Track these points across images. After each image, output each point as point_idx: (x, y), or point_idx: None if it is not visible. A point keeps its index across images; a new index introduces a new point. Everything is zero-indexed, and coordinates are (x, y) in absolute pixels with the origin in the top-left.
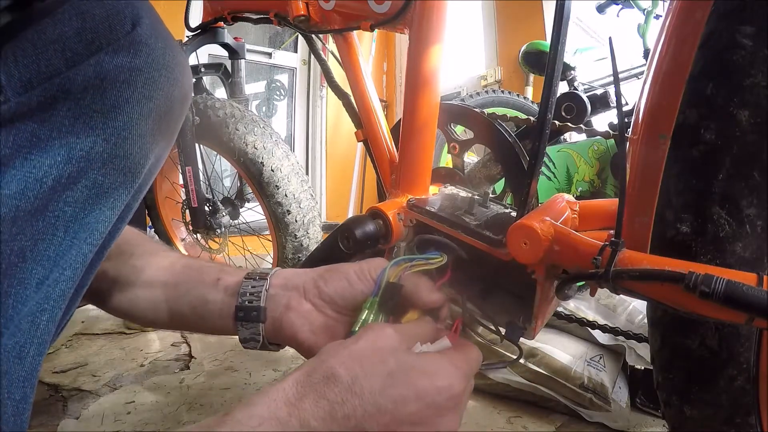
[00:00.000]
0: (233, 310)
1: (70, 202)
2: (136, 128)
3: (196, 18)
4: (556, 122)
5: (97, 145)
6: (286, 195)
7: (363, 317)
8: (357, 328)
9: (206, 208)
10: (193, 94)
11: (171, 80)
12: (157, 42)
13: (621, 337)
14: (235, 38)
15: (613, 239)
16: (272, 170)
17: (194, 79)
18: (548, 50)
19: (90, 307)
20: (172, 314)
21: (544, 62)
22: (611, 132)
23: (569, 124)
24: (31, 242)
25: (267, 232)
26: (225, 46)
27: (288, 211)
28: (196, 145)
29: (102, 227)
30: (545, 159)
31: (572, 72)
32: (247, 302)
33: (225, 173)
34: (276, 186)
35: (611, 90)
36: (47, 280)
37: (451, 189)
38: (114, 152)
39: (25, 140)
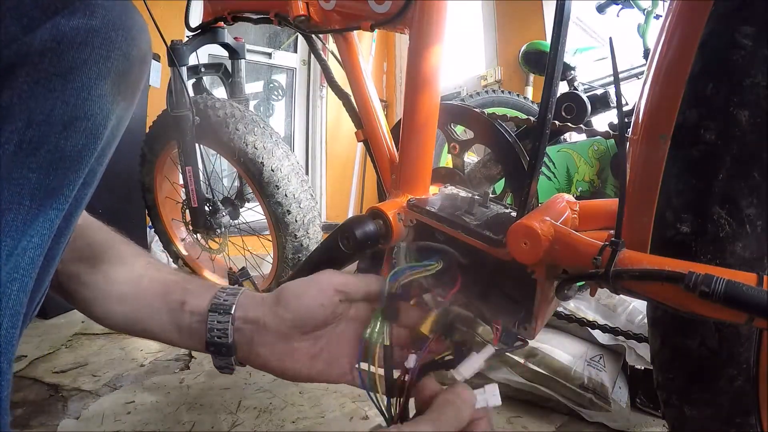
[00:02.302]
0: (203, 336)
1: (34, 168)
2: (94, 89)
3: (196, 18)
4: (556, 122)
5: (56, 108)
6: (286, 195)
7: (371, 326)
8: (366, 335)
9: (206, 208)
10: (152, 54)
11: (128, 40)
12: (113, 3)
13: (621, 337)
14: (235, 38)
15: (613, 239)
16: (272, 170)
17: (194, 79)
18: (548, 50)
19: None
20: (145, 331)
21: (544, 62)
22: (611, 132)
23: (569, 124)
24: None
25: (267, 232)
26: (225, 46)
27: (288, 211)
28: (196, 145)
29: (67, 191)
30: (545, 159)
31: (572, 72)
32: (216, 338)
33: (225, 173)
34: (276, 186)
35: (611, 90)
36: (16, 249)
37: (451, 189)
38: (74, 114)
39: None
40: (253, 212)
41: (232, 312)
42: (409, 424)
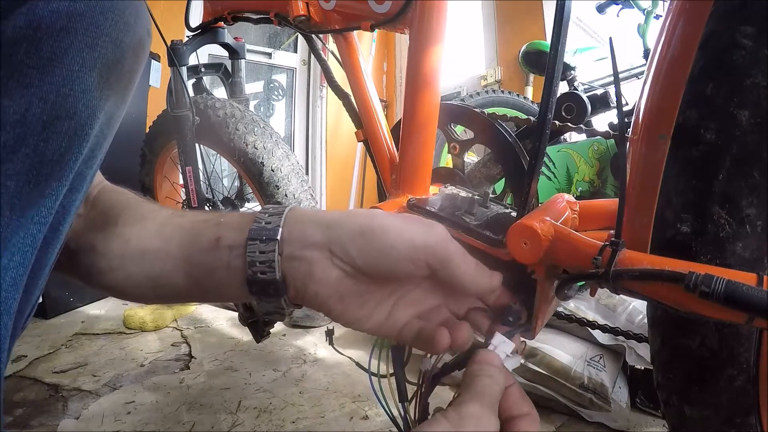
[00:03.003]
0: (244, 277)
1: (12, 175)
2: (78, 83)
3: (196, 18)
4: (556, 122)
5: (33, 106)
6: (286, 195)
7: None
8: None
9: (206, 208)
10: (150, 41)
11: (120, 25)
12: None
13: (621, 337)
14: (235, 38)
15: (613, 239)
16: (272, 170)
17: (194, 79)
18: (548, 50)
19: (90, 306)
20: (173, 289)
21: (544, 62)
22: (611, 132)
23: (569, 124)
24: None
25: None
26: (225, 46)
27: None
28: (196, 145)
29: (50, 202)
30: (545, 159)
31: (572, 72)
32: (259, 273)
33: (225, 173)
34: (276, 186)
35: (611, 90)
36: None
37: (451, 189)
38: (54, 113)
39: None
40: None
41: (278, 237)
42: (452, 409)
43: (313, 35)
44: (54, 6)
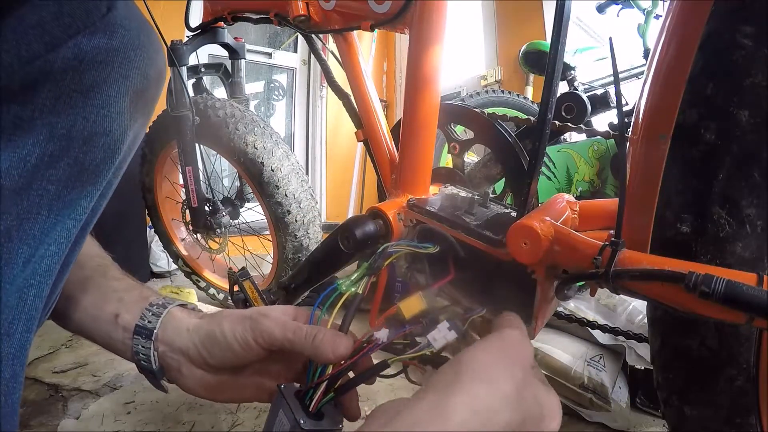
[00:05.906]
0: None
1: (53, 180)
2: (114, 106)
3: (196, 18)
4: (556, 122)
5: (77, 124)
6: (286, 195)
7: (350, 276)
8: (340, 283)
9: (206, 208)
10: (167, 73)
11: (146, 59)
12: (131, 23)
13: (621, 337)
14: (235, 38)
15: (613, 239)
16: (272, 170)
17: (194, 79)
18: (548, 50)
19: None
20: (94, 340)
21: (544, 62)
22: (611, 132)
23: (569, 124)
24: (17, 221)
25: (267, 232)
26: (225, 46)
27: (288, 211)
28: (196, 145)
29: (85, 203)
30: (545, 159)
31: (572, 72)
32: (142, 362)
33: (225, 173)
34: (276, 186)
35: (611, 90)
36: (33, 257)
37: (451, 189)
38: (94, 130)
39: (8, 122)
40: (253, 212)
41: (153, 338)
42: (492, 335)
43: (313, 35)
44: (95, 42)
